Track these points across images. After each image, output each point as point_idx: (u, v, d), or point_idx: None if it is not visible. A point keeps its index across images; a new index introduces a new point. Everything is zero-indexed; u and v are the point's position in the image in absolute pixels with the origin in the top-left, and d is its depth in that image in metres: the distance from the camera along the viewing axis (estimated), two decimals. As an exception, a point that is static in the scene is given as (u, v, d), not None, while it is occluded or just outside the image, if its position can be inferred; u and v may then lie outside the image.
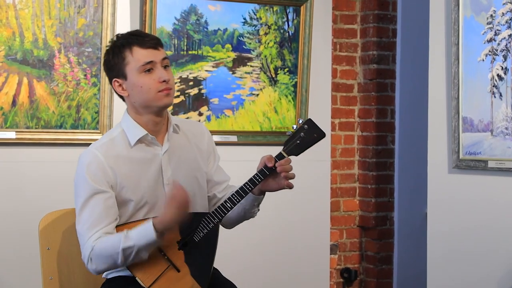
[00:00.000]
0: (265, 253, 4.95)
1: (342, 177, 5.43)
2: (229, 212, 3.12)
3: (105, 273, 3.18)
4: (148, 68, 3.07)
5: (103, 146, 3.12)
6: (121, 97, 3.20)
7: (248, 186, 3.07)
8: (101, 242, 3.01)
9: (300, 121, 3.10)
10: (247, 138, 4.86)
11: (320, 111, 5.14)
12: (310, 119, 3.10)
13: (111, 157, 3.08)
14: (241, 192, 3.08)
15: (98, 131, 4.38)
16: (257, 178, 3.07)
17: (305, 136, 3.09)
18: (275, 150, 4.94)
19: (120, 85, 3.12)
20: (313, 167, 5.08)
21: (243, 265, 4.80)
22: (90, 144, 4.32)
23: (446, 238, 4.34)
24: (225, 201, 3.09)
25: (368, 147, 5.43)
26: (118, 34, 3.17)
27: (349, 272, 5.44)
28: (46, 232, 3.26)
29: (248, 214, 3.24)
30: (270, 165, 3.06)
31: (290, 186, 3.10)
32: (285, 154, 3.08)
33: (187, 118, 4.60)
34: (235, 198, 3.08)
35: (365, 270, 5.49)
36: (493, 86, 4.09)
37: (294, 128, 3.09)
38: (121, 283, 3.11)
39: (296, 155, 3.10)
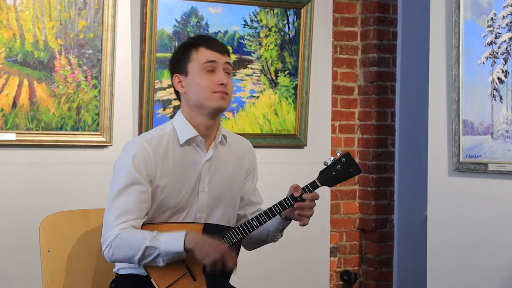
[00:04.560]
0: (265, 255, 4.94)
1: (342, 179, 5.42)
2: (253, 232, 3.12)
3: (116, 268, 3.18)
4: (210, 68, 3.08)
5: (153, 140, 3.10)
6: (177, 94, 3.19)
7: (277, 208, 3.07)
8: (128, 232, 3.00)
9: (339, 154, 3.09)
10: (247, 140, 4.86)
11: (321, 114, 5.14)
12: (348, 153, 3.10)
13: (158, 153, 3.08)
14: (269, 213, 3.07)
15: (99, 133, 4.38)
16: (287, 202, 3.07)
17: (341, 169, 3.08)
18: (275, 153, 4.97)
19: (180, 81, 3.13)
20: (312, 170, 5.07)
21: (242, 268, 4.79)
22: (90, 146, 4.37)
23: (446, 241, 4.34)
24: (252, 219, 3.08)
25: (368, 149, 5.43)
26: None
27: (349, 275, 5.43)
28: (46, 234, 3.26)
29: (270, 237, 3.26)
30: (296, 195, 3.07)
31: (303, 224, 3.11)
32: (319, 183, 3.08)
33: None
34: (262, 218, 3.08)
35: (365, 273, 5.49)
36: (494, 89, 4.10)
37: (331, 160, 3.08)
38: (133, 281, 3.10)
39: (330, 186, 3.11)
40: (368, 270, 5.47)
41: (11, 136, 4.19)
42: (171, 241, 2.97)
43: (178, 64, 3.15)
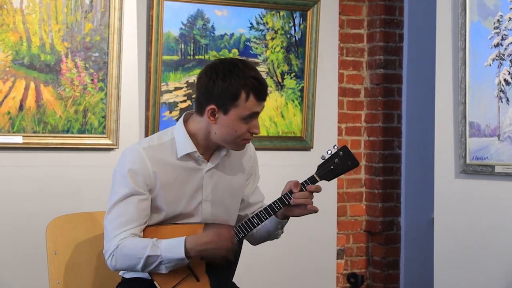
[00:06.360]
0: (272, 258, 4.94)
1: (348, 182, 5.43)
2: (254, 229, 3.12)
3: (122, 272, 3.17)
4: (250, 118, 3.00)
5: (151, 149, 3.04)
6: (199, 108, 3.02)
7: (276, 205, 3.05)
8: (128, 242, 2.98)
9: (335, 147, 3.06)
10: (254, 143, 4.83)
11: (327, 116, 5.14)
12: (345, 146, 3.07)
13: (156, 161, 3.02)
14: (269, 210, 3.06)
15: (105, 136, 4.39)
16: (287, 198, 3.04)
17: (339, 162, 3.05)
18: (282, 155, 4.96)
19: (214, 113, 2.98)
20: (319, 172, 5.07)
21: (249, 270, 4.80)
22: (96, 149, 4.38)
23: (452, 243, 4.34)
24: (252, 217, 3.07)
25: (375, 152, 5.43)
26: (237, 60, 3.01)
27: (355, 277, 5.43)
28: (53, 237, 3.26)
29: (272, 235, 3.24)
30: (295, 190, 3.03)
31: (315, 210, 3.04)
32: (317, 178, 3.05)
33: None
34: (263, 215, 3.06)
35: (372, 275, 5.48)
36: (500, 91, 4.09)
37: (329, 153, 3.05)
38: (138, 285, 3.10)
39: (328, 180, 3.07)
40: (375, 272, 5.47)
41: (17, 139, 4.20)
42: (172, 248, 2.96)
43: (220, 98, 2.95)
